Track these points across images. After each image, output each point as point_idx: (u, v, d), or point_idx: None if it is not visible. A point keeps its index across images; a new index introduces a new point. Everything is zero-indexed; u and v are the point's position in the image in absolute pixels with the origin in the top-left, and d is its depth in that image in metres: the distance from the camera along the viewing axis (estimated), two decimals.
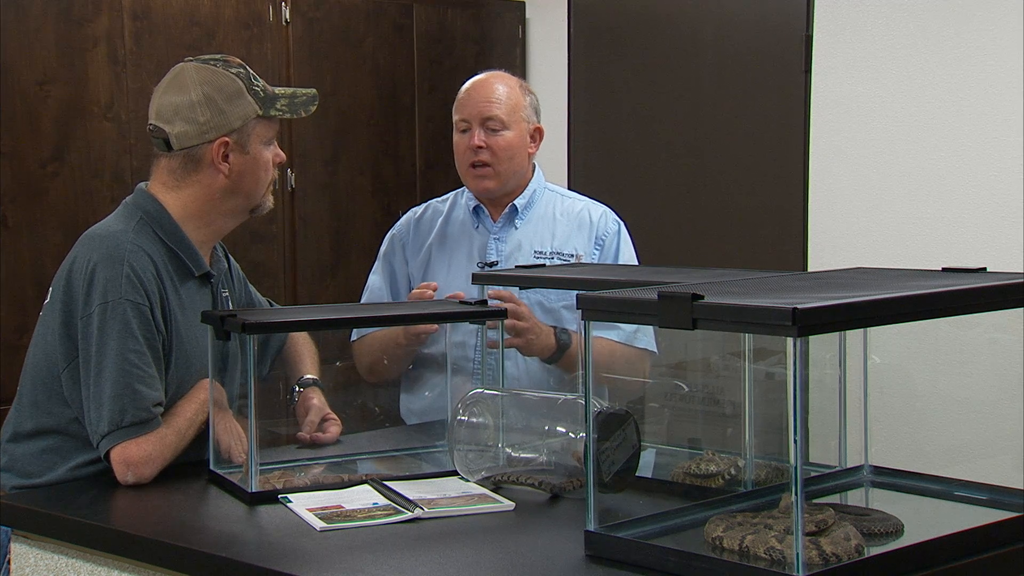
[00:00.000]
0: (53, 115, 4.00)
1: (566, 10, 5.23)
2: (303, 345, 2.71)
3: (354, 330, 2.96)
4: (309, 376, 2.65)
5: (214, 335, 2.30)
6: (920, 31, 4.27)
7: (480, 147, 2.96)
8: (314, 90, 2.55)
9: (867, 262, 2.51)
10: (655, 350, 2.84)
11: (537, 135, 3.06)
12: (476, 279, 2.58)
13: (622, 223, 3.09)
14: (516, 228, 3.04)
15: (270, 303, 2.79)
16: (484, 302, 2.55)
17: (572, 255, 3.01)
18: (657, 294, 1.71)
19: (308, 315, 2.66)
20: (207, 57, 2.47)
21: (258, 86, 2.45)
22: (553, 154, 5.21)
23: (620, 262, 3.04)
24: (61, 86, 4.01)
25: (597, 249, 3.03)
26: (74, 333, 2.32)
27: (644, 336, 2.87)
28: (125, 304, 2.28)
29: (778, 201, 4.63)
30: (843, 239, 4.41)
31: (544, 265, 2.94)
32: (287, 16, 4.56)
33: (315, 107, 2.54)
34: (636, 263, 3.08)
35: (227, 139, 2.40)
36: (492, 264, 2.99)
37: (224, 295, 2.56)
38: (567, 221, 3.05)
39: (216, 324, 2.28)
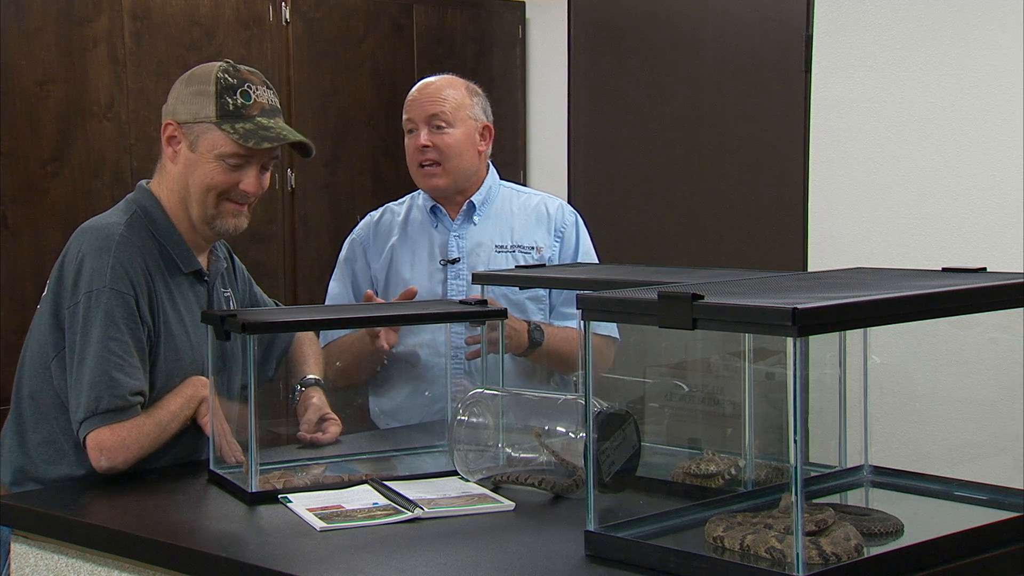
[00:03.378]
0: (53, 115, 4.00)
1: (566, 10, 5.23)
2: (308, 345, 2.71)
3: (321, 335, 2.96)
4: (311, 376, 2.65)
5: (214, 335, 2.30)
6: (920, 31, 4.27)
7: (426, 146, 2.99)
8: (301, 137, 2.48)
9: (867, 262, 2.51)
10: (617, 336, 2.85)
11: (487, 133, 3.08)
12: (476, 279, 2.59)
13: (578, 214, 3.15)
14: (475, 224, 3.07)
15: (276, 304, 2.79)
16: (484, 302, 2.55)
17: (532, 247, 3.05)
18: (657, 294, 1.71)
19: (308, 315, 2.66)
20: (235, 63, 2.46)
21: (233, 100, 2.40)
22: (553, 154, 5.21)
23: (580, 251, 3.09)
24: (61, 86, 4.01)
25: (557, 241, 3.08)
26: (63, 323, 2.35)
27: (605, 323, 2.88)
28: (108, 292, 2.30)
29: (778, 201, 4.63)
30: (843, 239, 4.41)
31: (544, 265, 2.95)
32: (287, 16, 4.56)
33: (277, 144, 2.42)
34: (594, 254, 3.13)
35: (171, 122, 2.43)
36: (454, 261, 3.02)
37: (226, 295, 2.56)
38: (525, 215, 3.10)
39: (216, 324, 2.28)
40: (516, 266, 2.91)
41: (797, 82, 4.54)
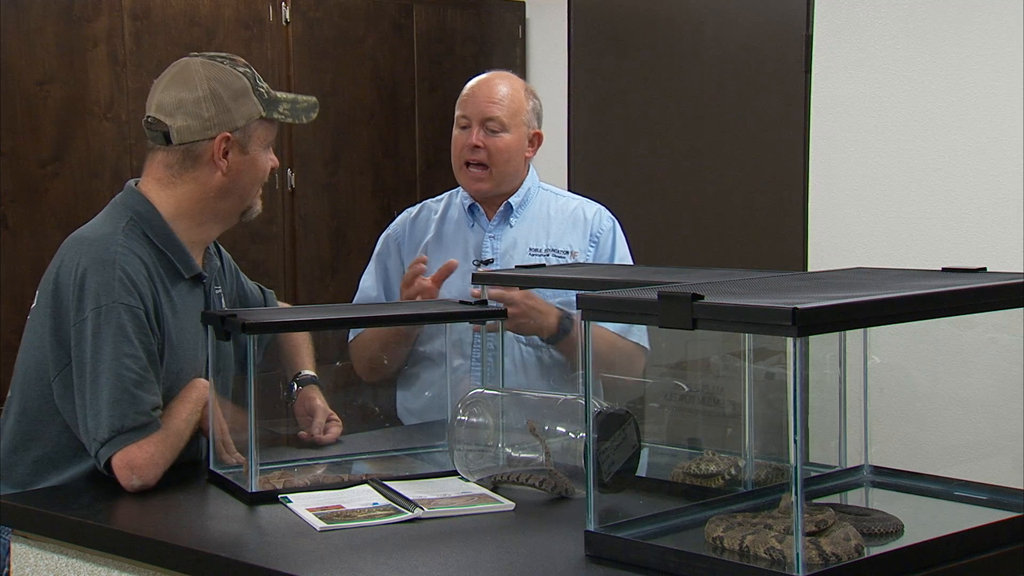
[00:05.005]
0: (53, 115, 4.00)
1: (566, 10, 5.23)
2: (299, 337, 2.69)
3: (351, 329, 2.96)
4: (307, 373, 2.64)
5: (215, 335, 2.29)
6: (920, 31, 4.27)
7: (477, 146, 2.97)
8: (314, 98, 2.53)
9: (867, 262, 2.51)
10: (648, 347, 2.86)
11: (536, 140, 3.06)
12: (476, 279, 2.58)
13: (616, 220, 3.11)
14: (511, 226, 3.05)
15: (260, 289, 2.76)
16: (484, 302, 2.55)
17: (567, 252, 3.02)
18: (657, 294, 1.71)
19: (308, 315, 2.66)
20: (213, 54, 2.45)
21: (262, 88, 2.43)
22: (553, 154, 5.21)
23: (616, 259, 3.05)
24: (61, 86, 4.01)
25: (592, 246, 3.04)
26: (65, 340, 2.28)
27: (638, 330, 2.88)
28: (120, 308, 2.24)
29: (778, 201, 4.63)
30: (843, 239, 4.41)
31: (543, 265, 2.94)
32: (287, 16, 4.56)
33: (316, 114, 2.51)
34: (631, 261, 3.09)
35: (229, 135, 2.38)
36: (488, 261, 3.00)
37: (217, 292, 2.53)
38: (561, 219, 3.07)
39: (216, 324, 2.27)
40: (516, 266, 2.90)
41: (797, 82, 4.54)
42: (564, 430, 2.22)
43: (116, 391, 2.22)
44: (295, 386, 2.62)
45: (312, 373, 2.64)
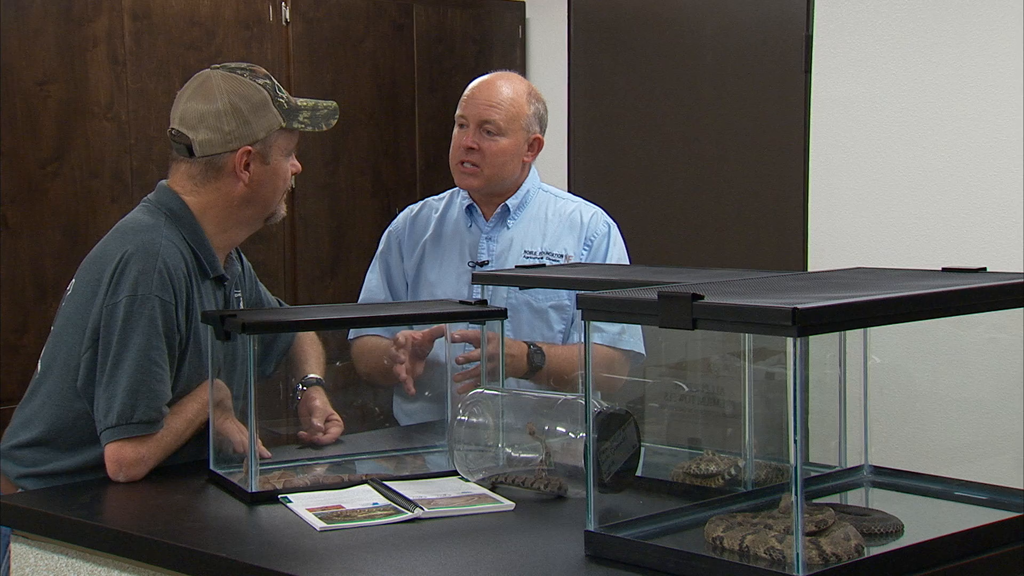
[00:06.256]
0: (53, 115, 3.99)
1: (566, 10, 5.23)
2: (309, 345, 2.72)
3: (351, 329, 2.96)
4: (313, 375, 2.66)
5: (214, 335, 2.31)
6: (920, 31, 4.27)
7: (472, 148, 2.96)
8: (334, 103, 2.56)
9: (867, 262, 2.51)
10: (642, 351, 2.83)
11: (536, 144, 3.04)
12: (476, 279, 2.58)
13: (613, 224, 3.08)
14: (508, 228, 3.04)
15: (280, 303, 2.80)
16: (484, 302, 2.55)
17: (562, 255, 3.01)
18: (657, 294, 1.71)
19: (308, 315, 2.66)
20: (234, 65, 2.49)
21: (282, 97, 2.47)
22: (553, 154, 5.21)
23: (608, 263, 3.03)
24: (61, 86, 4.01)
25: (585, 249, 3.02)
26: (97, 320, 2.33)
27: (630, 338, 2.86)
28: (154, 300, 2.30)
29: (778, 201, 4.63)
30: (843, 239, 4.41)
31: (544, 265, 2.94)
32: (287, 16, 4.56)
33: (336, 120, 2.55)
34: (626, 264, 3.07)
35: (250, 148, 2.42)
36: (483, 263, 2.99)
37: (237, 295, 2.58)
38: (558, 222, 3.05)
39: (216, 324, 2.28)
40: (516, 266, 2.90)
41: (797, 82, 4.54)
42: (564, 430, 2.22)
43: (136, 381, 2.28)
44: (300, 388, 2.64)
45: (318, 376, 2.66)
